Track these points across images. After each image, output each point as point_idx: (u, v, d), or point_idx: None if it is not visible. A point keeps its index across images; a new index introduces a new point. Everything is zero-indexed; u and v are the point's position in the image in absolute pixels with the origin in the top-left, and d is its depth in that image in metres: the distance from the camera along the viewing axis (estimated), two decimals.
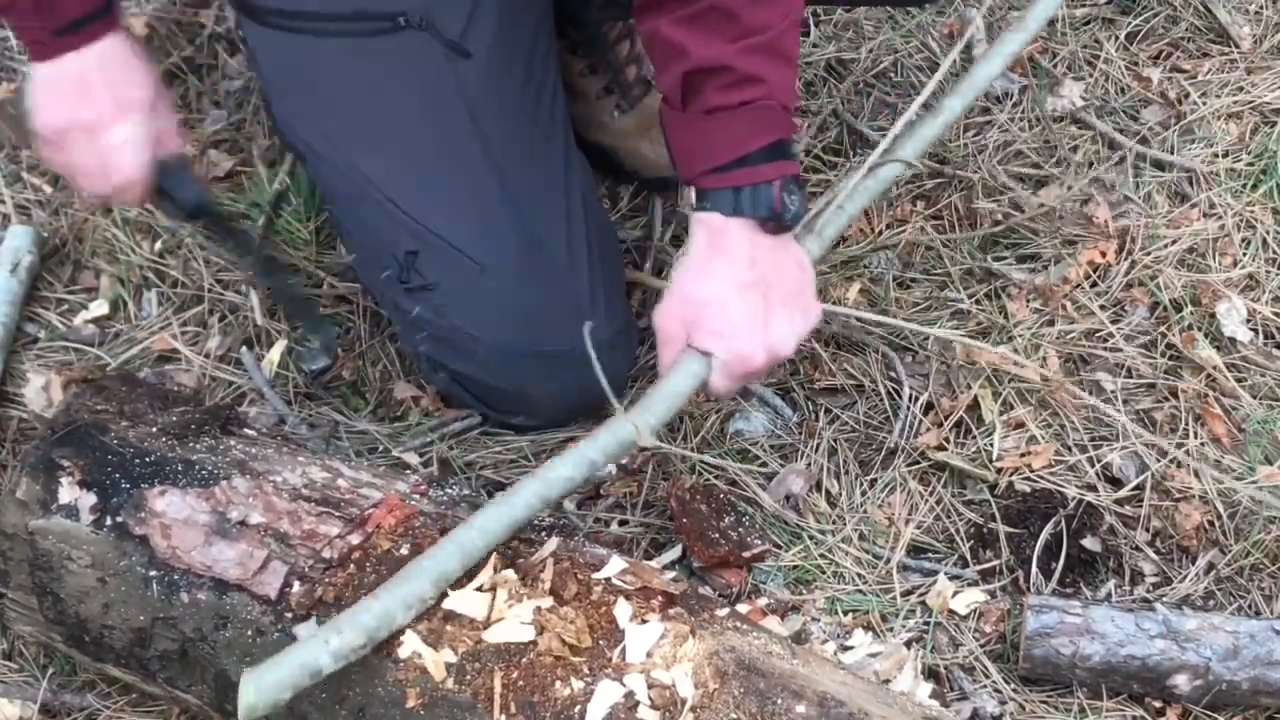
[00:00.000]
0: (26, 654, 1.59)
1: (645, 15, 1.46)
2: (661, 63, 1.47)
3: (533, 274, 1.64)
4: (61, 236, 1.97)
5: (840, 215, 1.62)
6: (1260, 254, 1.96)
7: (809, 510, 1.73)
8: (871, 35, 2.20)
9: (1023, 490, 1.73)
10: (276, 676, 1.25)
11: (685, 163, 1.50)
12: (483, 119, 1.62)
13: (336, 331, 1.83)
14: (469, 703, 1.29)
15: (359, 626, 1.28)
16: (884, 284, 1.92)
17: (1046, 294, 1.91)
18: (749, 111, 1.44)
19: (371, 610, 1.29)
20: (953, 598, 1.65)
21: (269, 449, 1.49)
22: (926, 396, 1.81)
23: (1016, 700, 1.58)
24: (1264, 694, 1.56)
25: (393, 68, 1.61)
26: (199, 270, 1.92)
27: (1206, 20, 2.25)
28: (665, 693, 1.27)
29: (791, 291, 1.49)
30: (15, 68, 2.18)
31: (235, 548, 1.39)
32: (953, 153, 2.05)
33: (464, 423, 1.80)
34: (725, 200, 1.46)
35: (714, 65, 1.42)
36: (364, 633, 1.28)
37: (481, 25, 1.60)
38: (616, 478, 1.73)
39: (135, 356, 1.85)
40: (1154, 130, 2.11)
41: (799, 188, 1.48)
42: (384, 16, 1.58)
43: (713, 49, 1.41)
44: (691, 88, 1.45)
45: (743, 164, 1.45)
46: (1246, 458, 1.77)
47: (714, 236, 1.47)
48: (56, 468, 1.44)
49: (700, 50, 1.42)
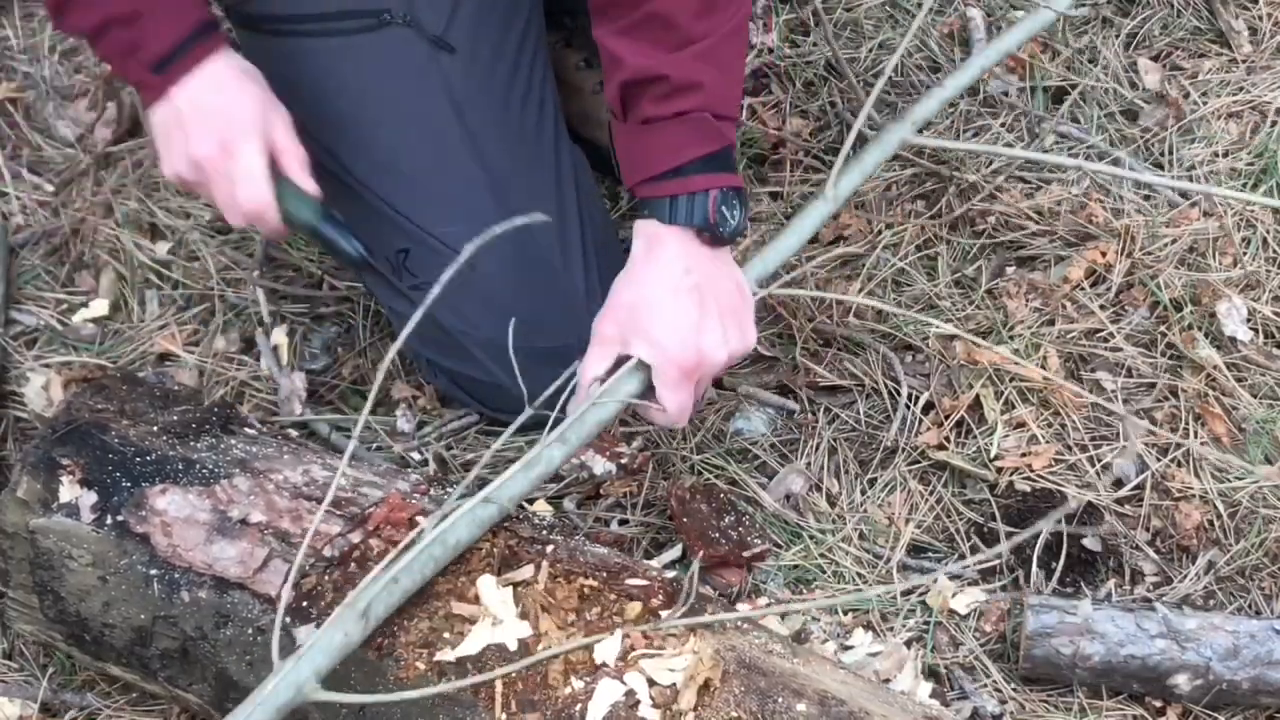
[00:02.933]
0: (27, 653, 1.59)
1: (595, 24, 1.47)
2: (606, 73, 1.49)
3: (523, 270, 1.64)
4: (62, 236, 1.97)
5: (783, 242, 1.62)
6: (1260, 253, 1.96)
7: (809, 510, 1.73)
8: (871, 35, 2.20)
9: (1023, 490, 1.73)
10: None
11: (627, 172, 1.52)
12: (468, 114, 1.62)
13: None
14: (470, 701, 1.29)
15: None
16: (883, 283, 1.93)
17: (1046, 293, 1.91)
18: (684, 123, 1.45)
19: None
20: (953, 597, 1.65)
21: (270, 447, 1.49)
22: (927, 396, 1.81)
23: (1017, 700, 1.58)
24: (1264, 693, 1.56)
25: (377, 65, 1.61)
26: (200, 270, 1.93)
27: (1206, 20, 2.25)
28: (666, 691, 1.27)
29: (727, 306, 1.49)
30: (15, 67, 2.18)
31: (236, 546, 1.39)
32: (952, 153, 2.05)
33: (461, 421, 1.80)
34: (661, 209, 1.47)
35: (649, 75, 1.43)
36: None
37: (463, 20, 1.60)
38: (617, 477, 1.72)
39: (136, 356, 1.85)
40: (1152, 130, 2.11)
41: (740, 201, 1.49)
42: (367, 14, 1.57)
43: (648, 58, 1.42)
44: (629, 98, 1.46)
45: (678, 174, 1.46)
46: (1247, 457, 1.77)
47: (651, 244, 1.48)
48: (57, 467, 1.44)
49: (635, 60, 1.43)
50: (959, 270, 1.95)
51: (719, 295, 1.49)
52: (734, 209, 1.48)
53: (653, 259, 1.48)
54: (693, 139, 1.46)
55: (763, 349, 1.84)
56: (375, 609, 1.30)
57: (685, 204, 1.46)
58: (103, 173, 2.05)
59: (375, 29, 1.58)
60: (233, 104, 1.47)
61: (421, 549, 1.32)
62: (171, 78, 1.44)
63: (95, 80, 2.15)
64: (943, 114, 2.09)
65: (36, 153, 2.09)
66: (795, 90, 2.14)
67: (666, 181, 1.47)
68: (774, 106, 2.12)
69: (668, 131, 1.46)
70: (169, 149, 1.48)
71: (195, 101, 1.45)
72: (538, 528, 1.44)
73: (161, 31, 1.43)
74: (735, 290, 1.52)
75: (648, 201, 1.49)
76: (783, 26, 2.20)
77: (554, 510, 1.67)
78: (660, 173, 1.47)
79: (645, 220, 1.49)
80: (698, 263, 1.48)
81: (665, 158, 1.46)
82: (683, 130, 1.45)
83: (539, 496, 1.69)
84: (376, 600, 1.30)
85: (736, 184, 1.49)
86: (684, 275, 1.46)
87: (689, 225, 1.47)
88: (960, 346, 1.84)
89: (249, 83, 1.49)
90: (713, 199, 1.46)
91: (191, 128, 1.45)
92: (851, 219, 1.99)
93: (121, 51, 1.44)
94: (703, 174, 1.46)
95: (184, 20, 1.44)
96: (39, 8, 2.24)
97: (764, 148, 2.08)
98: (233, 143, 1.45)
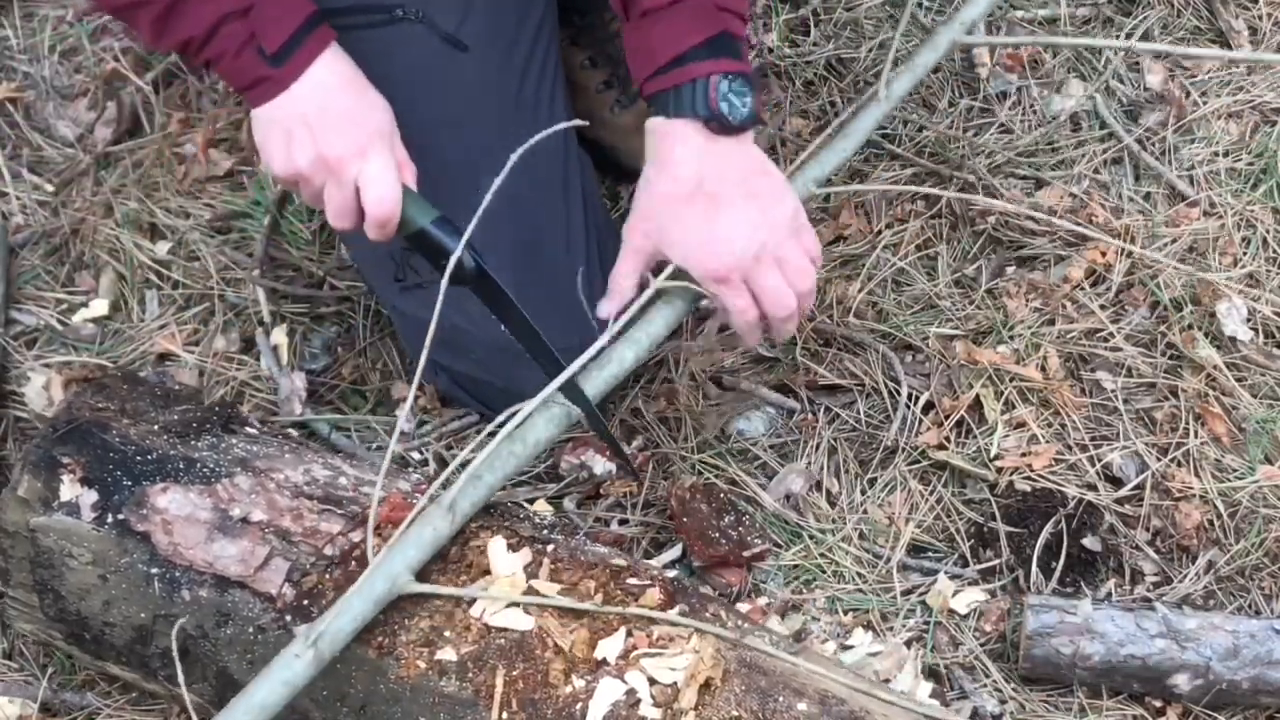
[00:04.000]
0: (27, 652, 1.59)
1: None
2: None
3: (529, 271, 1.64)
4: (62, 236, 1.97)
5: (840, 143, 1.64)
6: (1260, 253, 1.96)
7: (809, 509, 1.73)
8: (871, 35, 2.20)
9: (1023, 489, 1.73)
10: None
11: (635, 71, 1.49)
12: (479, 112, 1.62)
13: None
14: (470, 700, 1.29)
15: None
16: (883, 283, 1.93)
17: (1047, 293, 1.91)
18: (683, 10, 1.43)
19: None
20: (953, 597, 1.65)
21: (271, 446, 1.49)
22: (927, 396, 1.81)
23: (1017, 700, 1.58)
24: (1264, 693, 1.56)
25: (388, 60, 1.60)
26: (200, 269, 1.93)
27: (1206, 20, 2.25)
28: (666, 690, 1.27)
29: (748, 192, 1.46)
30: (15, 67, 2.18)
31: (237, 545, 1.39)
32: (952, 152, 2.05)
33: (461, 421, 1.80)
34: (665, 102, 1.45)
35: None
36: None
37: (477, 17, 1.59)
38: (617, 477, 1.72)
39: (136, 356, 1.85)
40: (1153, 129, 2.11)
41: (748, 86, 1.45)
42: (380, 9, 1.57)
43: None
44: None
45: (680, 63, 1.44)
46: (1247, 457, 1.77)
47: (660, 143, 1.47)
48: (58, 465, 1.44)
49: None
50: (959, 270, 1.95)
51: (736, 184, 1.46)
52: (742, 95, 1.44)
53: (662, 162, 1.46)
54: (692, 26, 1.43)
55: (763, 349, 1.84)
56: (461, 504, 1.37)
57: (688, 93, 1.43)
58: (103, 173, 2.05)
59: (387, 24, 1.57)
60: (367, 109, 1.45)
61: (500, 442, 1.38)
62: (293, 71, 1.41)
63: (95, 80, 2.15)
64: (943, 113, 2.10)
65: (36, 153, 2.09)
66: (795, 90, 2.14)
67: (669, 73, 1.44)
68: (773, 106, 2.12)
69: (666, 20, 1.44)
70: (289, 145, 1.43)
71: (326, 101, 1.42)
72: (538, 527, 1.44)
73: (279, 21, 1.40)
74: (755, 173, 1.48)
75: (654, 98, 1.47)
76: (783, 26, 2.20)
77: (554, 510, 1.67)
78: (663, 65, 1.44)
79: (654, 118, 1.47)
80: (707, 158, 1.45)
81: (666, 48, 1.44)
82: (681, 17, 1.43)
83: (539, 496, 1.69)
84: (462, 495, 1.36)
85: (741, 69, 1.45)
86: (692, 176, 1.44)
87: (694, 116, 1.44)
88: (961, 346, 1.84)
89: (371, 89, 1.47)
90: (714, 85, 1.43)
91: (322, 128, 1.41)
92: (851, 219, 1.99)
93: (236, 48, 1.39)
94: (705, 60, 1.43)
95: (299, 10, 1.42)
96: (39, 7, 2.24)
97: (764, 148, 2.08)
98: (369, 148, 1.42)
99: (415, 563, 1.32)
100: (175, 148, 2.07)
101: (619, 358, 1.48)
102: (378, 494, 1.31)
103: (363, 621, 1.29)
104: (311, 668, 1.25)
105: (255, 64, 1.41)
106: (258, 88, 1.42)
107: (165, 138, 2.08)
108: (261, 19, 1.39)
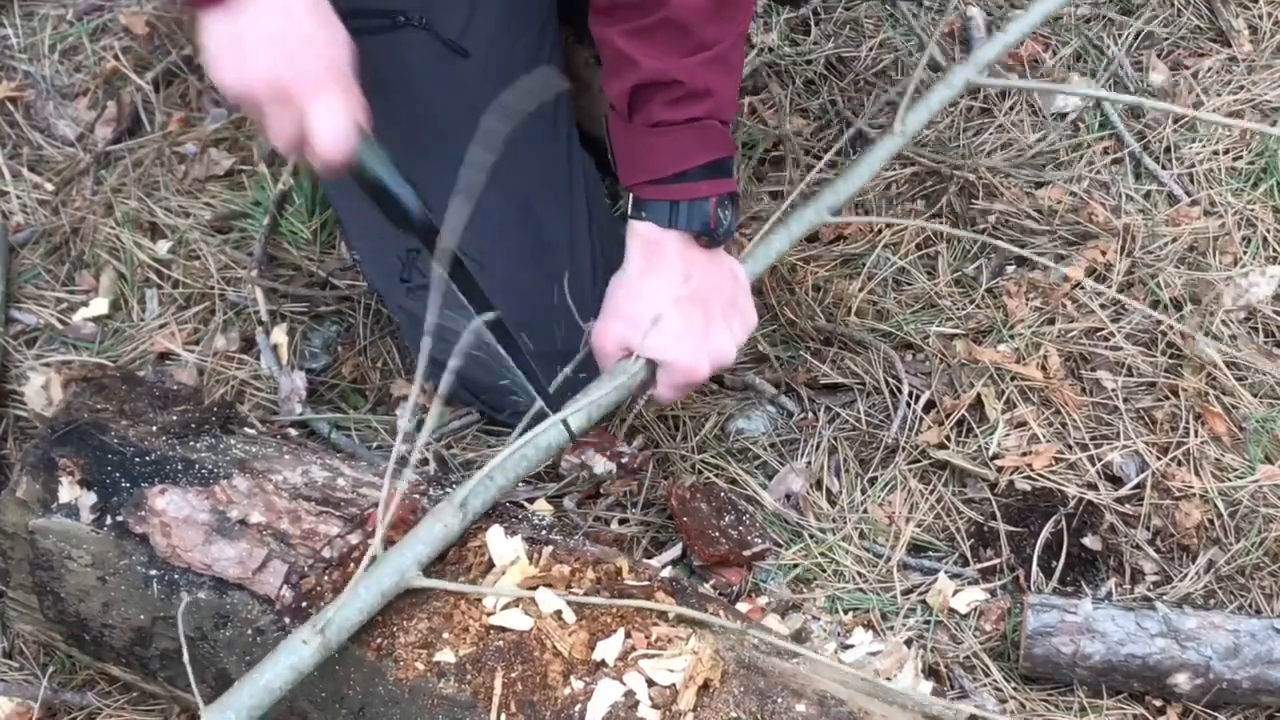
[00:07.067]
0: (27, 653, 1.59)
1: (598, 22, 1.48)
2: (612, 71, 1.49)
3: (534, 274, 1.64)
4: (61, 235, 1.97)
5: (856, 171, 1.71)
6: (1261, 252, 1.96)
7: (809, 509, 1.73)
8: (871, 34, 2.20)
9: (1023, 489, 1.73)
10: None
11: (626, 170, 1.52)
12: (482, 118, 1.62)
13: None
14: (469, 701, 1.28)
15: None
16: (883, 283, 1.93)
17: (1046, 292, 1.91)
18: (693, 129, 1.46)
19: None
20: (953, 596, 1.65)
21: (269, 448, 1.49)
22: (928, 395, 1.81)
23: (1017, 699, 1.58)
24: (1264, 692, 1.56)
25: (391, 66, 1.60)
26: (200, 269, 1.93)
27: (1207, 19, 2.25)
28: (665, 692, 1.27)
29: (728, 302, 1.52)
30: (15, 66, 2.18)
31: (235, 547, 1.39)
32: (952, 152, 2.05)
33: (462, 421, 1.80)
34: (662, 212, 1.48)
35: (664, 79, 1.43)
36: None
37: (480, 25, 1.59)
38: (617, 476, 1.72)
39: (136, 356, 1.85)
40: (1153, 128, 2.11)
41: (733, 204, 1.51)
42: (383, 14, 1.57)
43: (664, 62, 1.43)
44: (639, 99, 1.46)
45: (682, 179, 1.47)
46: (1247, 456, 1.77)
47: (649, 249, 1.49)
48: (56, 467, 1.44)
49: (651, 63, 1.43)
50: (959, 269, 1.95)
51: (719, 294, 1.50)
52: (728, 212, 1.50)
53: (652, 267, 1.49)
54: (701, 146, 1.47)
55: (763, 348, 1.84)
56: (472, 502, 1.38)
57: (686, 209, 1.47)
58: (103, 172, 2.05)
59: (390, 30, 1.58)
60: (329, 40, 1.36)
61: (514, 450, 1.39)
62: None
63: (95, 79, 2.15)
64: (943, 113, 2.09)
65: (36, 152, 2.09)
66: (795, 89, 2.14)
67: (670, 186, 1.47)
68: (774, 106, 2.12)
69: (677, 137, 1.47)
70: (244, 60, 1.33)
71: (289, 23, 1.33)
72: (537, 527, 1.44)
73: None
74: (732, 282, 1.53)
75: (647, 203, 1.49)
76: (783, 26, 2.20)
77: (554, 509, 1.67)
78: (664, 176, 1.47)
79: (642, 223, 1.49)
80: (696, 266, 1.49)
81: (671, 162, 1.47)
82: (692, 136, 1.47)
83: (539, 496, 1.69)
84: (473, 494, 1.38)
85: (733, 189, 1.51)
86: (685, 283, 1.48)
87: (689, 230, 1.48)
88: (961, 345, 1.84)
89: (336, 21, 1.38)
90: (713, 204, 1.47)
91: (283, 49, 1.32)
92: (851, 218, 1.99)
93: None
94: (706, 180, 1.47)
95: None
96: (39, 6, 2.24)
97: (765, 146, 2.08)
98: (326, 79, 1.34)
99: (424, 557, 1.34)
100: (175, 147, 2.07)
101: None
102: (387, 484, 1.31)
103: (370, 613, 1.30)
104: (319, 654, 1.26)
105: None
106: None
107: (165, 137, 2.08)
108: None
